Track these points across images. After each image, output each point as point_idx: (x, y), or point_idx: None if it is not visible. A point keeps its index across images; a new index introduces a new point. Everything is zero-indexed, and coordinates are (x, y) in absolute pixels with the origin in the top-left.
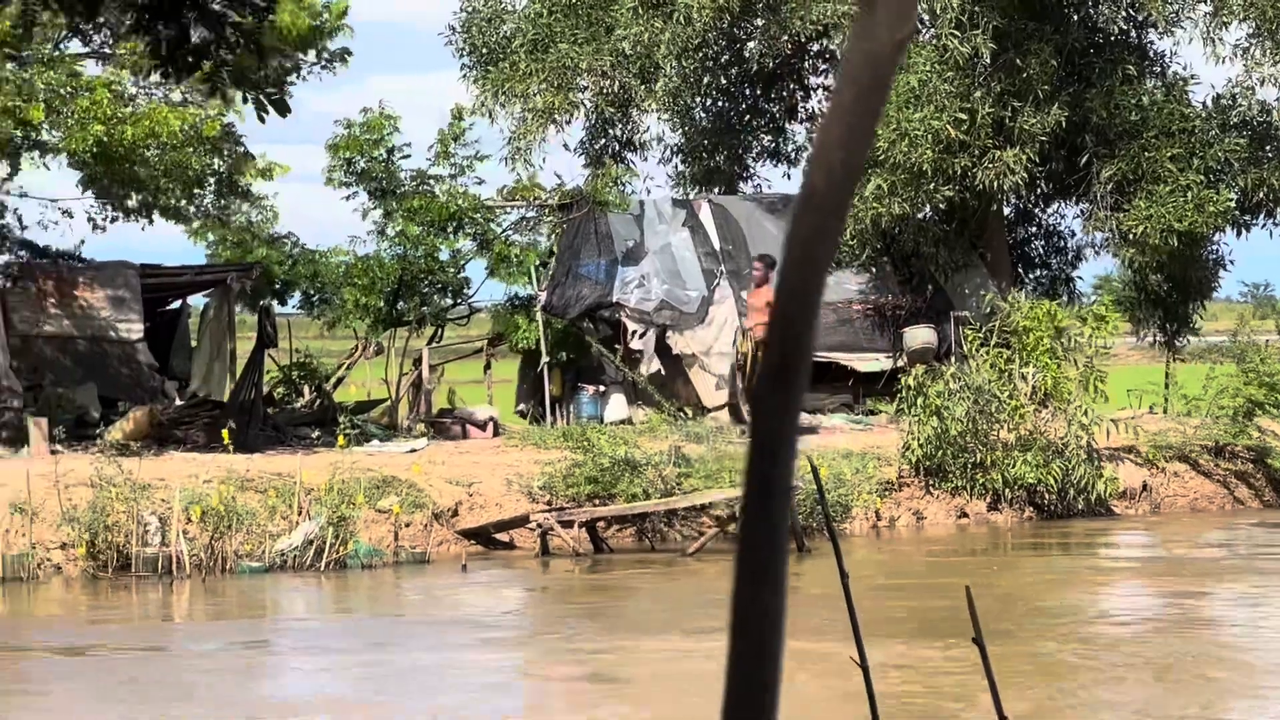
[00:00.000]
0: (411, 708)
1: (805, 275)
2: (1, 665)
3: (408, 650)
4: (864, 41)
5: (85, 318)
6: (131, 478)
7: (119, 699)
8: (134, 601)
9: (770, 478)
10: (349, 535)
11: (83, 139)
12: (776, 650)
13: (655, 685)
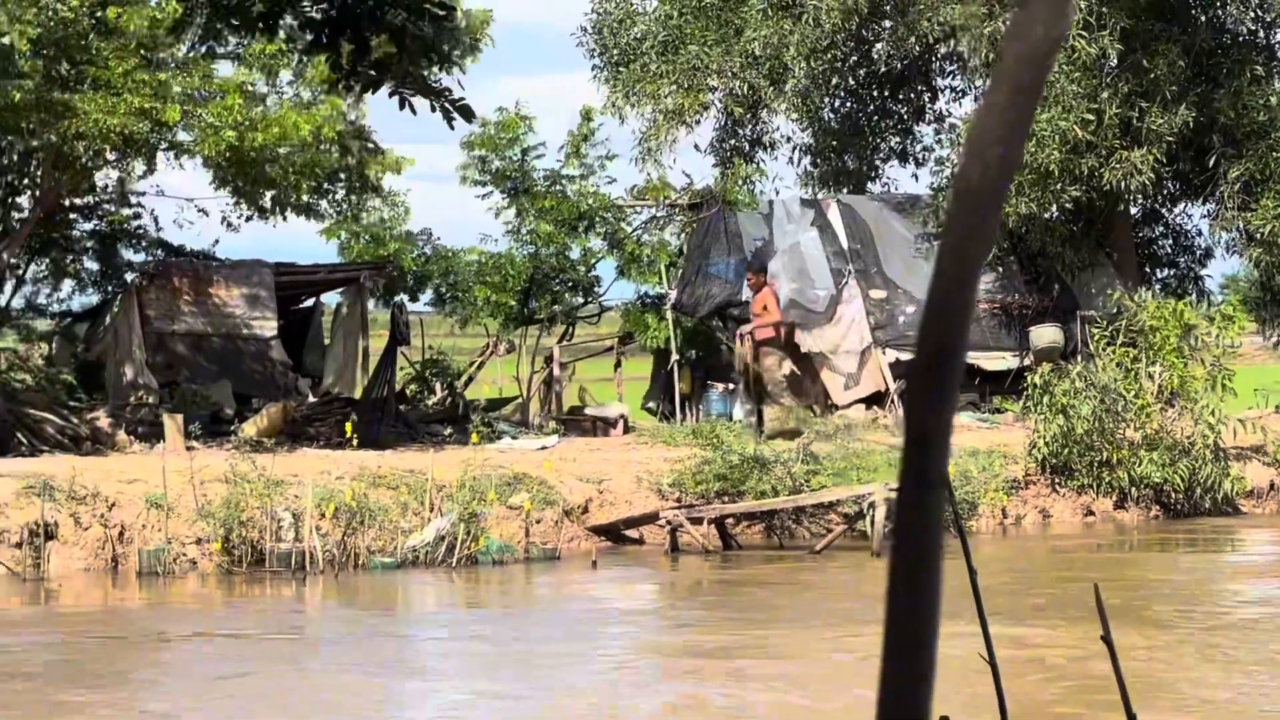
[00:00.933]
0: (548, 698)
1: (960, 271)
2: (140, 654)
3: (540, 642)
4: (1019, 38)
5: (220, 316)
6: (265, 474)
7: (255, 689)
8: (267, 595)
9: (926, 470)
10: (480, 531)
11: (215, 143)
12: (932, 640)
13: (793, 676)
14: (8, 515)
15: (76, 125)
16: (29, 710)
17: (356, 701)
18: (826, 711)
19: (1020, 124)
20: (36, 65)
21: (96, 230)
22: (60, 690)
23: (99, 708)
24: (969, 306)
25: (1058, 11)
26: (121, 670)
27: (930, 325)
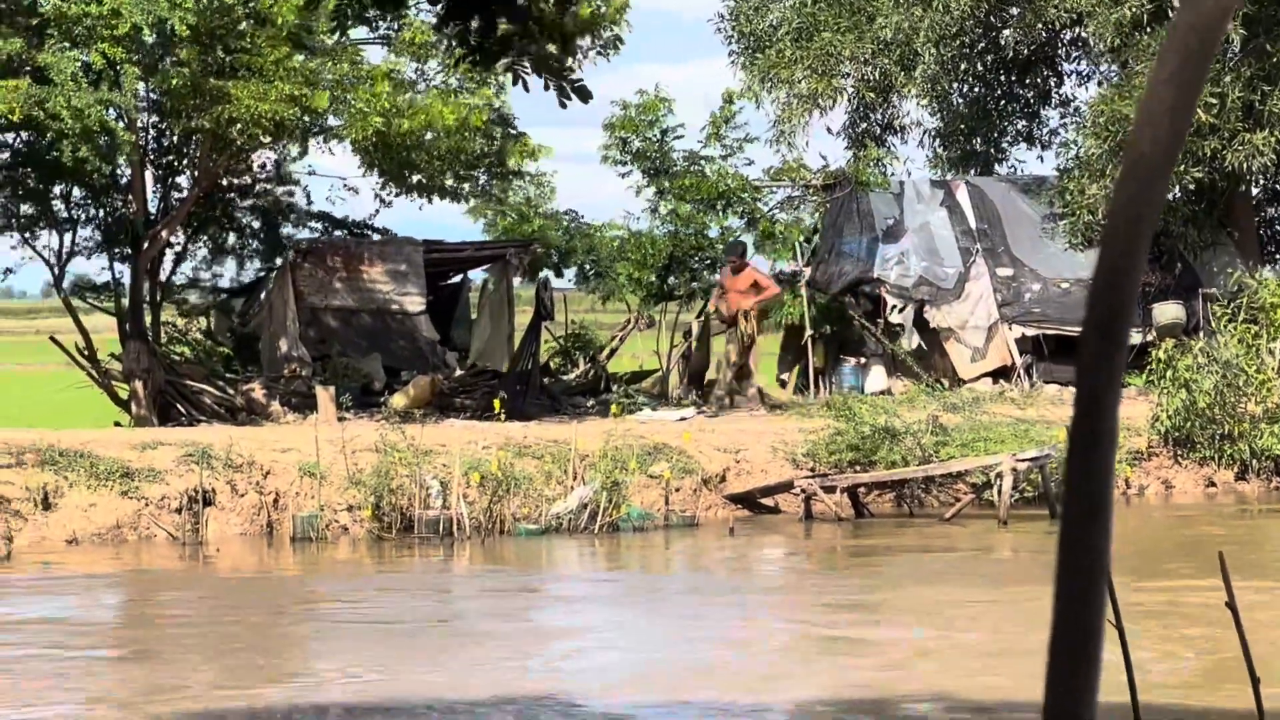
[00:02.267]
0: (689, 655)
1: (1130, 236)
2: (294, 611)
3: (680, 603)
4: (1191, 7)
5: (370, 292)
6: (414, 444)
7: (406, 645)
8: (416, 559)
9: (1098, 430)
10: (621, 499)
11: (363, 128)
12: (1101, 596)
13: (942, 636)
14: (168, 482)
15: (230, 111)
16: (188, 662)
17: (502, 657)
18: (967, 650)
19: (1190, 91)
20: (194, 52)
21: (254, 207)
22: (218, 644)
23: (256, 658)
24: (1137, 272)
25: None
26: (276, 627)
27: (1100, 290)
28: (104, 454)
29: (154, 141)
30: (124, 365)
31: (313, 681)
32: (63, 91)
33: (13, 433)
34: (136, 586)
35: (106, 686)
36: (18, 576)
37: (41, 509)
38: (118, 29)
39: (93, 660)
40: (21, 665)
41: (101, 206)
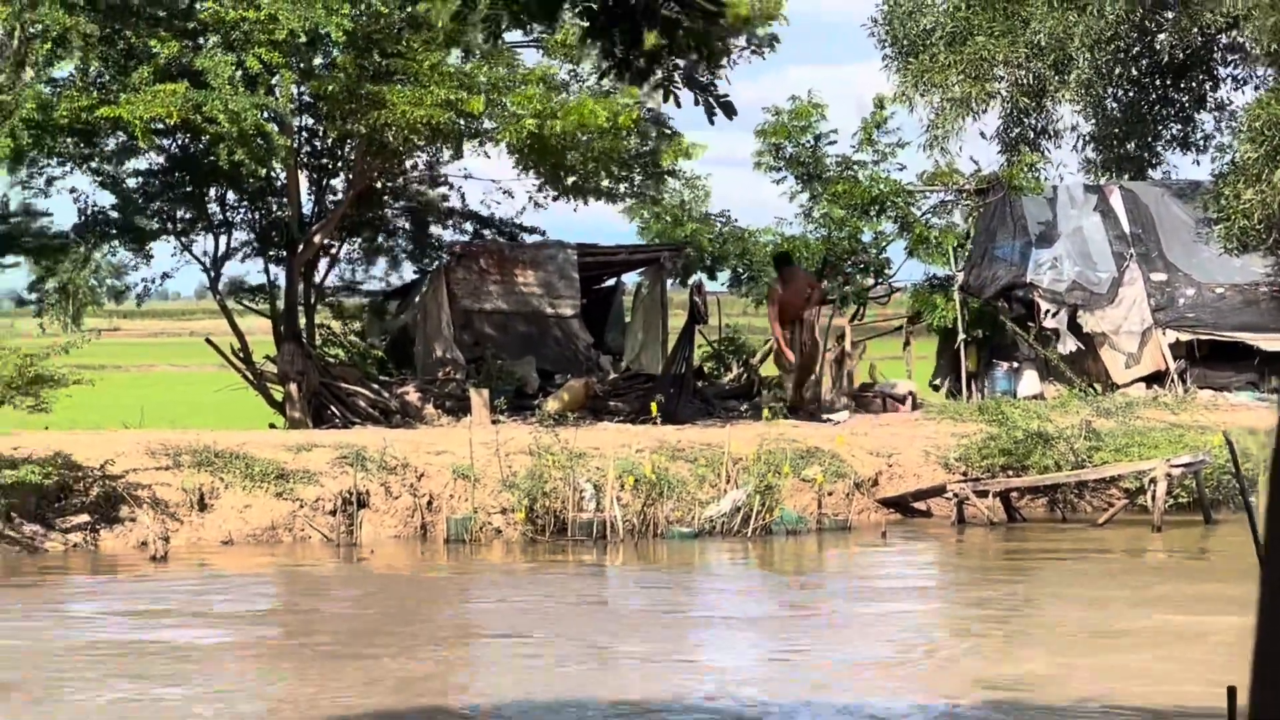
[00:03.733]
0: (841, 657)
1: None
2: (448, 610)
3: (833, 605)
4: None
5: (524, 295)
6: (568, 447)
7: (562, 642)
8: (570, 562)
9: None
10: (774, 503)
11: (517, 130)
12: None
13: (1088, 637)
14: (322, 484)
15: (386, 116)
16: (341, 661)
17: (659, 657)
18: (1131, 665)
19: None
20: (349, 57)
21: (408, 209)
22: (369, 640)
23: (404, 653)
24: None
25: None
26: (428, 625)
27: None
28: (259, 456)
29: (309, 145)
30: (279, 367)
31: (477, 683)
32: (220, 95)
33: (169, 434)
34: (292, 587)
35: (277, 688)
36: (174, 577)
37: (198, 510)
38: (274, 34)
39: (258, 659)
40: (187, 667)
41: (256, 209)
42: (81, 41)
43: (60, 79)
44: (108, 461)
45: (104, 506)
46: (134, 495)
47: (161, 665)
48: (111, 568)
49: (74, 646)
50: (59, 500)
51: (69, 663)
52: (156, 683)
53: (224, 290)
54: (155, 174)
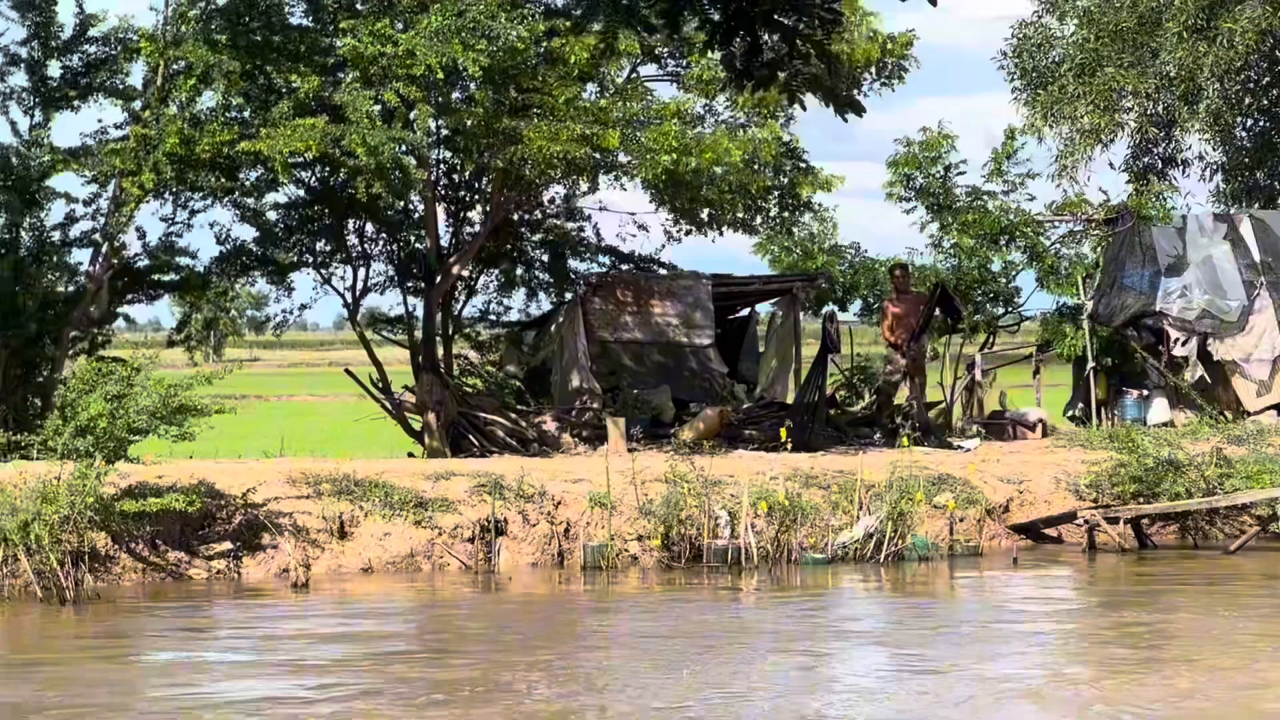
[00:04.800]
0: (974, 681)
1: None
2: (586, 633)
3: (964, 630)
4: None
5: (660, 325)
6: (703, 474)
7: (699, 668)
8: (706, 586)
9: None
10: (907, 529)
11: (653, 166)
12: None
13: (1224, 666)
14: (461, 512)
15: (522, 150)
16: (481, 689)
17: (787, 682)
18: (1268, 691)
19: None
20: (486, 92)
21: (544, 241)
22: (507, 667)
23: (542, 680)
24: None
25: None
26: (564, 651)
27: None
28: (398, 484)
29: (446, 177)
30: (417, 397)
31: (616, 706)
32: (358, 129)
33: (309, 462)
34: (431, 614)
35: (424, 711)
36: (316, 603)
37: (338, 538)
38: (412, 69)
39: (402, 683)
40: (328, 692)
41: (395, 241)
42: (223, 77)
43: (202, 114)
44: (250, 490)
45: (246, 534)
46: (275, 523)
47: (306, 691)
48: (254, 594)
49: (226, 667)
50: (202, 528)
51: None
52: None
53: (363, 321)
54: (295, 207)
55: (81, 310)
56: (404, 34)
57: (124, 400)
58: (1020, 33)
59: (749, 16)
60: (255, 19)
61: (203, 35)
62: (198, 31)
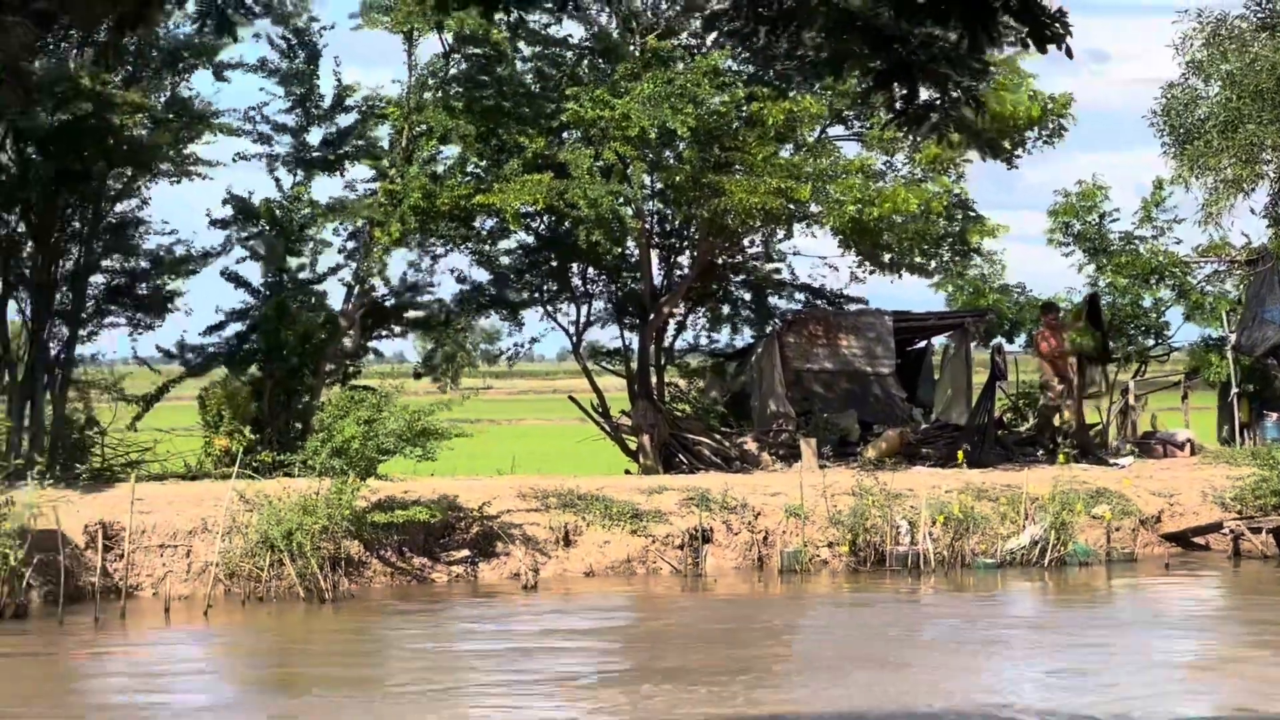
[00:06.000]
0: (1126, 677)
1: None
2: (791, 636)
3: (1128, 628)
4: None
5: (847, 356)
6: (885, 488)
7: (891, 661)
8: (888, 588)
9: None
10: (1068, 537)
11: (840, 215)
12: None
13: None
14: (671, 522)
15: (725, 202)
16: (691, 676)
17: (957, 674)
18: None
19: None
20: (693, 151)
21: (745, 281)
22: (714, 659)
23: (744, 670)
24: None
25: None
26: (765, 645)
27: None
28: (616, 498)
29: (658, 226)
30: (633, 420)
31: (806, 693)
32: (580, 184)
33: (537, 479)
34: (646, 612)
35: (633, 702)
36: (544, 602)
37: (563, 545)
38: (628, 131)
39: (626, 673)
40: (556, 681)
41: (613, 282)
42: (460, 139)
43: (442, 171)
44: (485, 503)
45: (482, 542)
46: (508, 533)
47: (530, 675)
48: (489, 595)
49: (467, 653)
50: (443, 537)
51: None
52: (524, 696)
53: (585, 353)
54: (525, 252)
55: (336, 345)
56: (621, 100)
57: (374, 424)
58: (1169, 94)
59: (907, 65)
60: (489, 87)
61: (442, 102)
62: (438, 99)
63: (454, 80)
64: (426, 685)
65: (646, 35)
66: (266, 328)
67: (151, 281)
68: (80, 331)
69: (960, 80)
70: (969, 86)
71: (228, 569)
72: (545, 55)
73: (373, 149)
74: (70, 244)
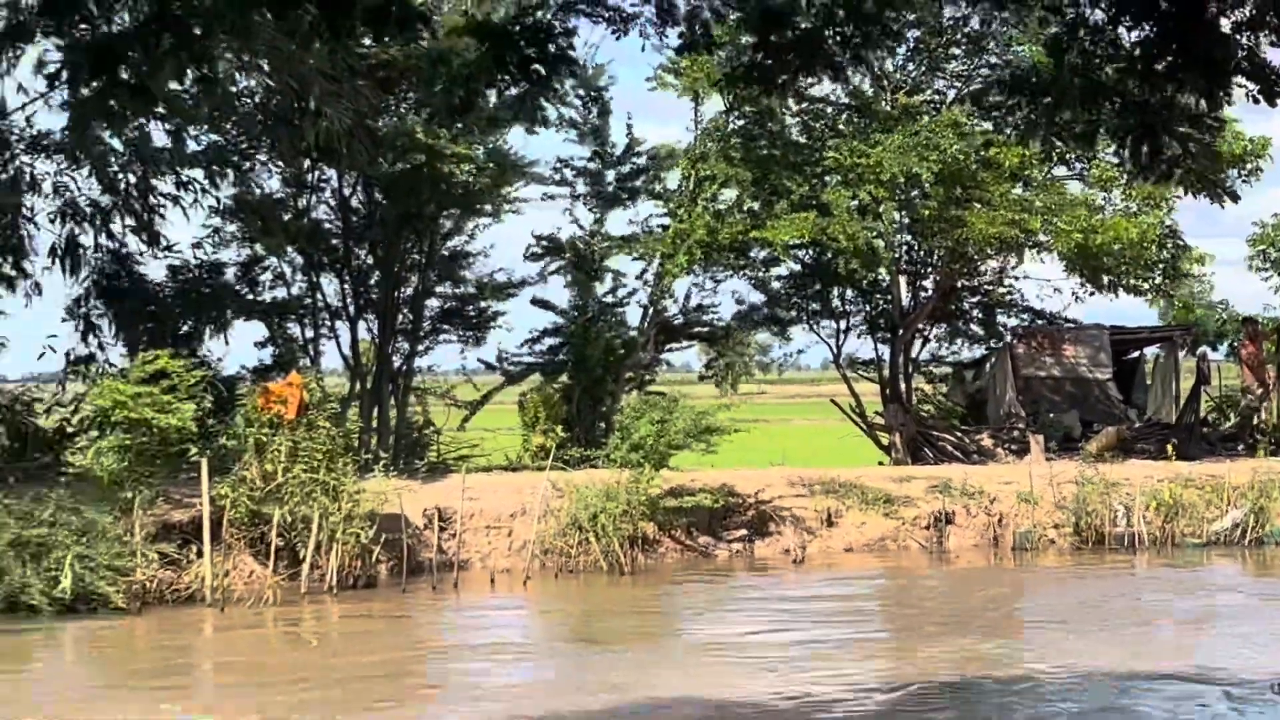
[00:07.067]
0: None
1: None
2: (1024, 604)
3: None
4: None
5: (1071, 364)
6: (1104, 478)
7: (1110, 626)
8: (1107, 564)
9: None
10: (1265, 520)
11: (1066, 243)
12: None
13: None
14: (918, 506)
15: (965, 233)
16: (935, 639)
17: (1168, 636)
18: None
19: None
20: (938, 191)
21: (981, 302)
22: (955, 624)
23: (980, 634)
24: None
25: None
26: (999, 612)
27: None
28: (871, 485)
29: (906, 255)
30: (885, 420)
31: (1033, 656)
32: (839, 221)
33: (804, 470)
34: (898, 583)
35: (876, 658)
36: (811, 574)
37: (826, 526)
38: (881, 175)
39: (888, 632)
40: (825, 641)
41: (867, 303)
42: (738, 184)
43: (722, 210)
44: (759, 490)
45: (757, 523)
46: (779, 515)
47: (805, 633)
48: (764, 568)
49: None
50: (724, 518)
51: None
52: (801, 650)
53: (843, 363)
54: (792, 278)
55: (633, 357)
56: (874, 149)
57: (665, 424)
58: None
59: (1152, 127)
60: (762, 139)
61: (722, 152)
62: (719, 149)
63: (733, 134)
64: (713, 643)
65: (897, 93)
66: (575, 343)
67: (477, 304)
68: (418, 347)
69: (1200, 137)
70: (1207, 142)
71: (543, 546)
72: (810, 111)
73: (661, 191)
74: (409, 273)
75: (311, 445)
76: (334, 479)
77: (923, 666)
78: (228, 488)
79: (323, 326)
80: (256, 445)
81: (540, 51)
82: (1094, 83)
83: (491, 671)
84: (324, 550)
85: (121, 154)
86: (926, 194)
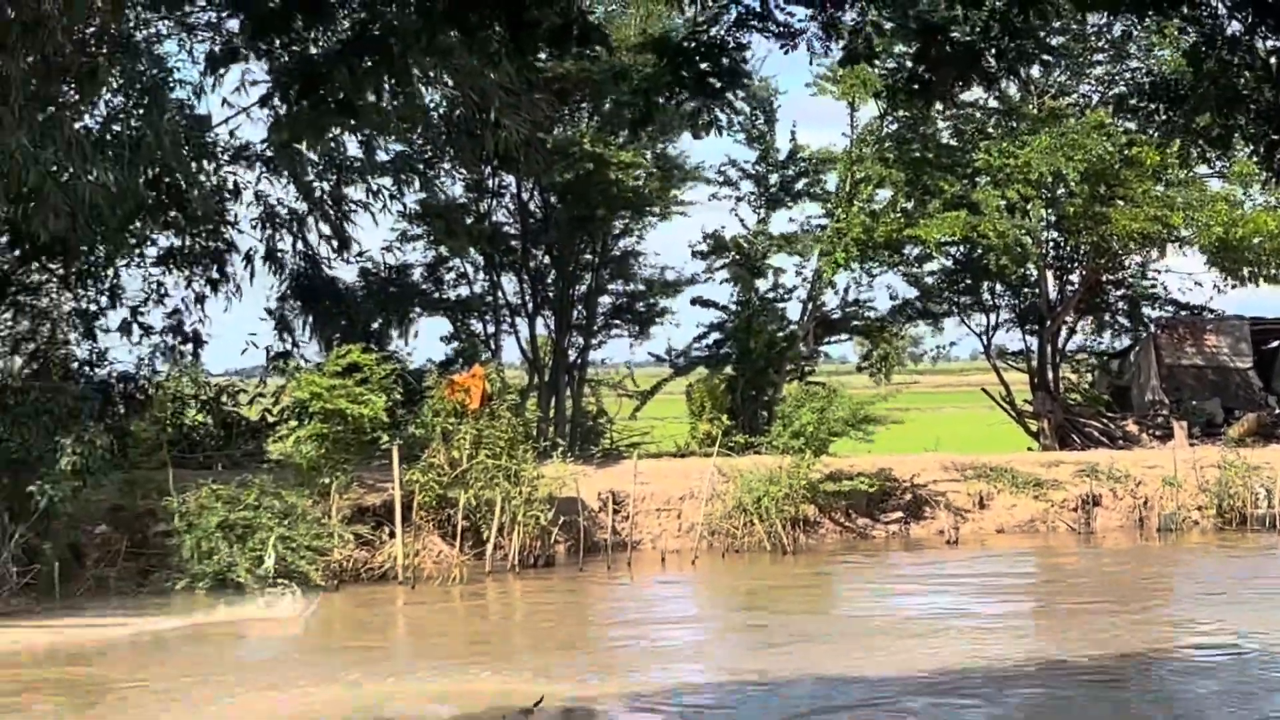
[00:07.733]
0: None
1: None
2: (1168, 580)
3: None
4: None
5: (1212, 353)
6: (1245, 461)
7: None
8: (1249, 543)
9: None
10: None
11: (1207, 236)
12: None
13: None
14: (1066, 490)
15: (1109, 229)
16: (1077, 617)
17: None
18: None
19: None
20: (1083, 189)
21: (1125, 295)
22: (1098, 600)
23: (1119, 612)
24: None
25: None
26: (1141, 591)
27: None
28: (1021, 469)
29: (1053, 251)
30: (1034, 408)
31: (1174, 634)
32: (989, 219)
33: (956, 456)
34: (1047, 562)
35: (1024, 639)
36: (965, 553)
37: (978, 508)
38: (1029, 175)
39: (1041, 608)
40: (968, 618)
41: (1016, 297)
42: (893, 184)
43: (878, 210)
44: (915, 475)
45: (913, 506)
46: (933, 498)
47: (964, 608)
48: (919, 548)
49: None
50: (881, 501)
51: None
52: (958, 623)
53: (993, 353)
54: (944, 273)
55: (794, 349)
56: (1022, 150)
57: (825, 412)
58: None
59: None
60: (915, 142)
61: (878, 155)
62: (875, 152)
63: (887, 137)
64: (874, 617)
65: (1043, 96)
66: (739, 337)
67: (646, 301)
68: (592, 341)
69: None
70: None
71: (710, 527)
72: (960, 115)
73: (820, 192)
74: (583, 272)
75: (494, 433)
76: (515, 464)
77: (1077, 638)
78: (417, 473)
79: (503, 322)
80: (443, 434)
81: (715, 66)
82: (1231, 90)
83: (673, 638)
84: (506, 531)
85: (316, 163)
86: (1072, 192)
